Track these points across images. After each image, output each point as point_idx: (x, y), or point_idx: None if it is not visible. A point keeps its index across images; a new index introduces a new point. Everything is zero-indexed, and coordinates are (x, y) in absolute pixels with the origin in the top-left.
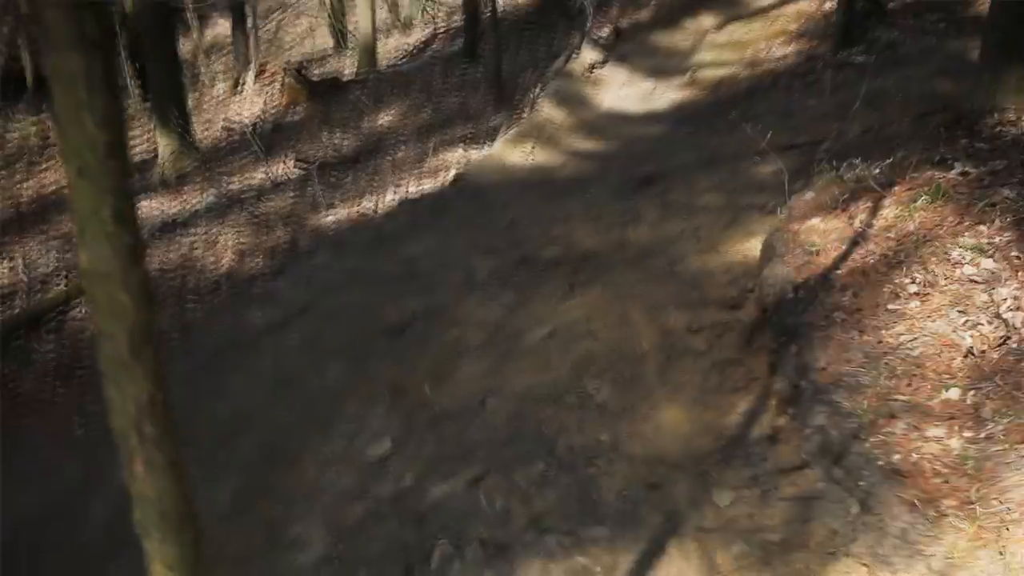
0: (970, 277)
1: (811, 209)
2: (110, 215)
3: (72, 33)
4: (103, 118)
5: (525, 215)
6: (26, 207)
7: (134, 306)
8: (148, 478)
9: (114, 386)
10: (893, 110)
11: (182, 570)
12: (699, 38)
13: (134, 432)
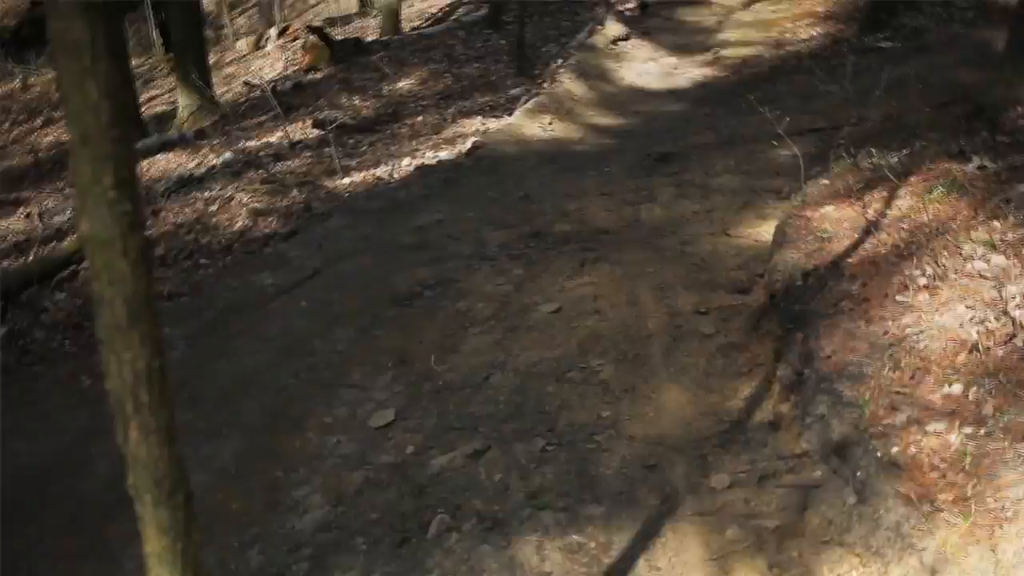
0: (980, 272)
1: (825, 196)
2: (112, 183)
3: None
4: (107, 86)
5: (539, 189)
6: (45, 157)
7: (133, 273)
8: (143, 443)
9: (111, 352)
10: (915, 98)
11: (175, 533)
12: (726, 16)
13: (130, 398)
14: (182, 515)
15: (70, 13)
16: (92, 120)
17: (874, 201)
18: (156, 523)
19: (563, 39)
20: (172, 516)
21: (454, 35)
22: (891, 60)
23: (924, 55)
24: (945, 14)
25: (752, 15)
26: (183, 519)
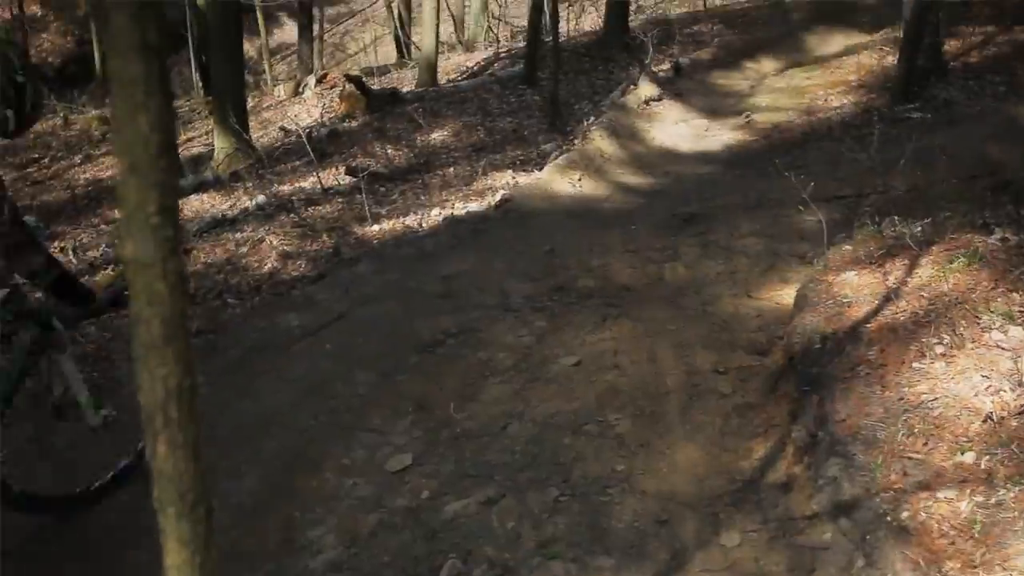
0: (997, 343)
1: (848, 262)
2: (155, 209)
3: (135, 39)
4: (157, 120)
5: (565, 244)
6: (81, 193)
7: (170, 295)
8: (170, 458)
9: (146, 370)
10: (942, 169)
11: (195, 545)
12: (758, 81)
13: (160, 414)
14: (203, 528)
15: (127, 52)
16: (142, 151)
17: (895, 269)
18: (177, 536)
19: (596, 97)
20: (193, 529)
21: (489, 89)
22: (920, 131)
23: (953, 128)
24: (977, 88)
25: (785, 81)
26: (203, 532)
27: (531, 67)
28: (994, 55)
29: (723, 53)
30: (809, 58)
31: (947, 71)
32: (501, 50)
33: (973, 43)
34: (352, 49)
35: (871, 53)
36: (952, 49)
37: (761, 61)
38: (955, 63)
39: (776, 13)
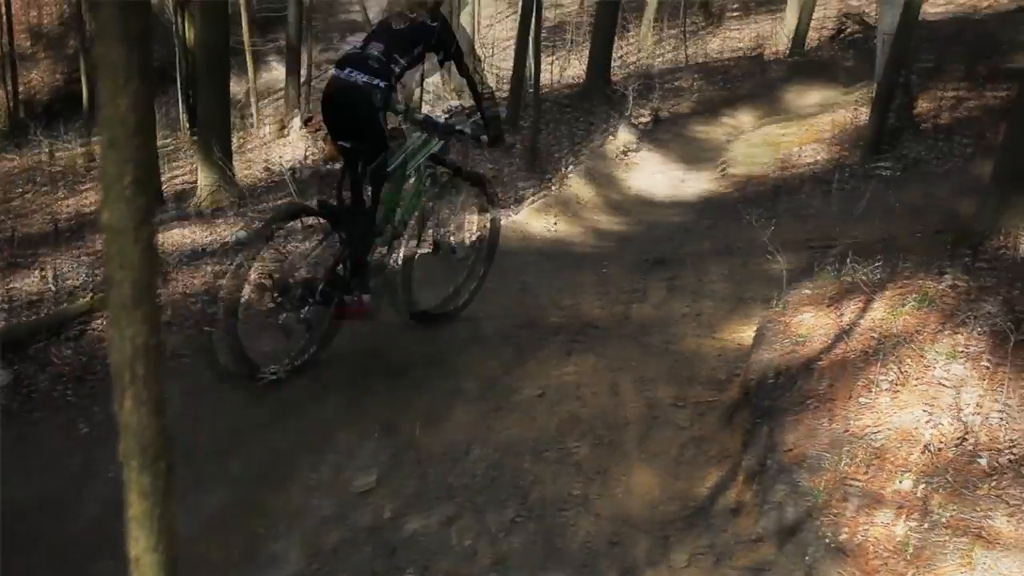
0: (940, 379)
1: (805, 303)
2: (130, 181)
3: (118, 28)
4: (134, 102)
5: (537, 282)
6: (64, 226)
7: (140, 259)
8: (134, 412)
9: (116, 329)
10: (908, 222)
11: (154, 497)
12: (736, 134)
13: (128, 370)
14: (162, 482)
15: (111, 40)
16: (120, 128)
17: (850, 310)
18: (139, 488)
19: (576, 145)
20: (153, 482)
21: None
22: (889, 186)
23: (923, 183)
24: (946, 147)
25: (761, 135)
26: (163, 486)
27: (514, 113)
28: (964, 116)
29: (702, 106)
30: (787, 113)
31: (918, 130)
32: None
33: (944, 104)
34: None
35: (846, 110)
36: (924, 109)
37: (739, 114)
38: (926, 123)
39: (755, 68)
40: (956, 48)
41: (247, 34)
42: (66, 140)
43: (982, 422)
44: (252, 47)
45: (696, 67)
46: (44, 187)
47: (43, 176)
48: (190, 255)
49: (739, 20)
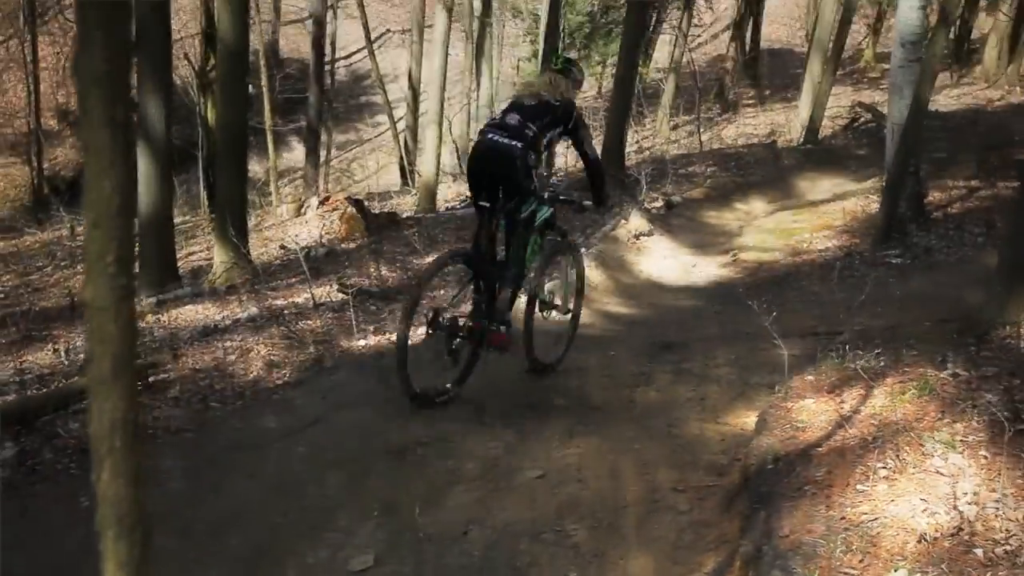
0: (937, 469)
1: (808, 390)
2: (113, 259)
3: (104, 115)
4: (118, 184)
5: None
6: (80, 299)
7: (120, 335)
8: (111, 483)
9: (95, 402)
10: (916, 311)
11: (130, 566)
12: (748, 221)
13: (106, 442)
14: (138, 552)
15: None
16: (104, 209)
17: (851, 398)
18: (115, 557)
19: (589, 230)
20: (129, 551)
21: None
22: (899, 275)
23: (931, 273)
24: (956, 237)
25: (774, 222)
26: (139, 555)
27: None
28: (975, 207)
29: (715, 192)
30: (798, 201)
31: (929, 219)
32: None
33: (956, 195)
34: (359, 175)
35: (858, 199)
36: (935, 198)
37: (752, 201)
38: (937, 212)
39: (769, 157)
40: (970, 139)
41: (269, 116)
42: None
43: (978, 512)
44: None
45: (710, 154)
46: (63, 263)
47: (63, 252)
48: (202, 331)
49: (755, 108)
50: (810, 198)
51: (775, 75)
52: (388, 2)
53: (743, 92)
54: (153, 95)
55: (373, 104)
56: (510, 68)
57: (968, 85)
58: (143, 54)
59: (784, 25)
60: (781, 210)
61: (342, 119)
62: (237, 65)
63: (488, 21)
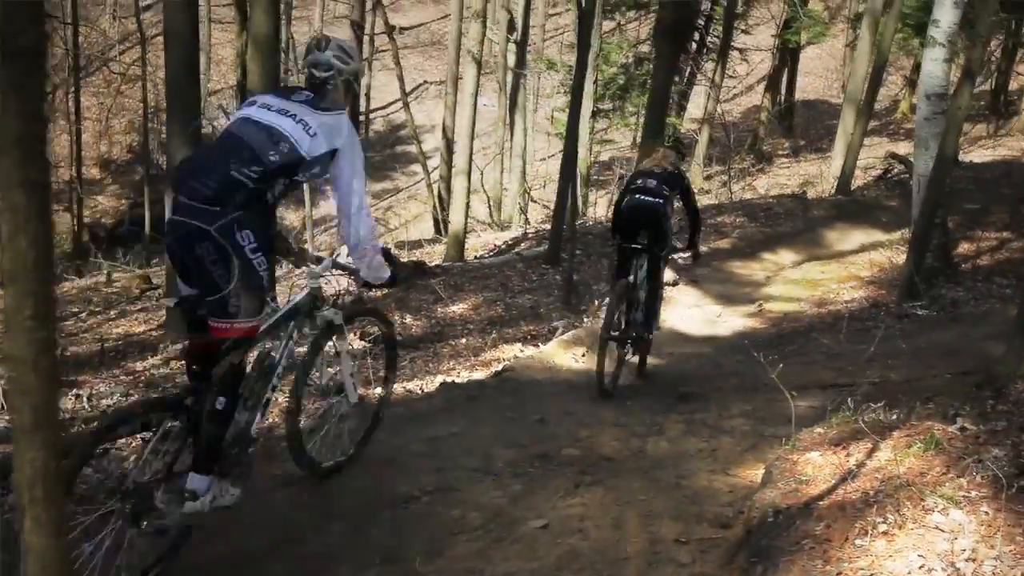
0: (937, 525)
1: (815, 443)
2: (30, 314)
3: (19, 176)
4: (34, 240)
5: (557, 415)
6: (111, 346)
7: (40, 388)
8: (34, 533)
9: (18, 452)
10: (937, 364)
11: None
12: (775, 272)
13: (27, 492)
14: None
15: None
16: (20, 265)
17: (858, 451)
18: None
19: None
20: None
21: (513, 267)
22: (924, 328)
23: (956, 326)
24: (984, 289)
25: (800, 273)
26: None
27: (555, 247)
28: (1005, 259)
29: (743, 243)
30: (826, 253)
31: (956, 271)
32: (530, 230)
33: (985, 246)
34: (393, 223)
35: (886, 251)
36: (964, 250)
37: (779, 253)
38: (966, 264)
39: (798, 208)
40: (1004, 191)
41: None
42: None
43: (975, 570)
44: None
45: (740, 205)
46: (98, 309)
47: (99, 298)
48: None
49: (789, 160)
50: (838, 249)
51: (810, 127)
52: (425, 55)
53: (777, 143)
54: (182, 149)
55: (409, 154)
56: (544, 119)
57: (1005, 137)
58: (174, 109)
59: (820, 77)
60: (809, 261)
61: (379, 168)
62: None
63: (522, 73)
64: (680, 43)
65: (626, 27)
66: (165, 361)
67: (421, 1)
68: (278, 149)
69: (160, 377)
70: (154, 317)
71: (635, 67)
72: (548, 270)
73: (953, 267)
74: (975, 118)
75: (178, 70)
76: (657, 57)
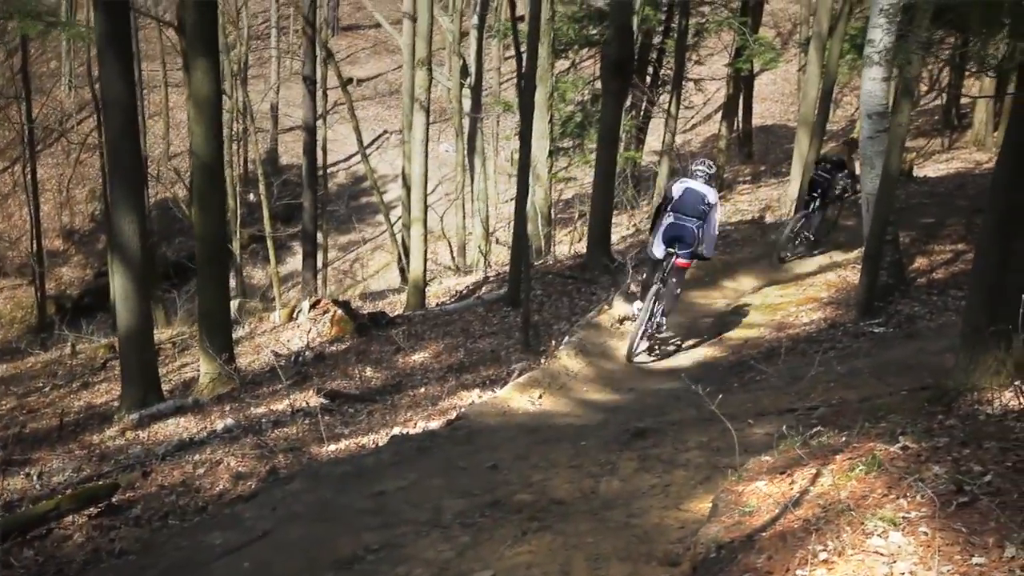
0: (876, 548)
1: (762, 472)
2: None
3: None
4: None
5: (510, 460)
6: (70, 420)
7: None
8: None
9: None
10: (895, 381)
11: None
12: (735, 298)
13: None
14: None
15: None
16: None
17: (802, 478)
18: None
19: (575, 317)
20: None
21: (474, 311)
22: (882, 345)
23: (913, 341)
24: (940, 302)
25: (760, 298)
26: None
27: (514, 290)
28: (959, 271)
29: (702, 272)
30: (785, 276)
31: (912, 286)
32: (491, 273)
33: (940, 260)
34: (360, 275)
35: (843, 271)
36: (920, 266)
37: (740, 279)
38: (921, 279)
39: (756, 234)
40: (959, 203)
41: (268, 223)
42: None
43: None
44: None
45: None
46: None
47: (64, 371)
48: (177, 446)
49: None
50: (797, 272)
51: (769, 152)
52: (384, 104)
53: (738, 170)
54: (127, 215)
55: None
56: (506, 161)
57: (959, 150)
58: (116, 178)
59: (776, 102)
60: (768, 285)
61: (343, 221)
62: (212, 177)
63: (478, 117)
64: (626, 78)
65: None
66: (121, 432)
67: (377, 52)
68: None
69: (115, 449)
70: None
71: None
72: (509, 312)
73: (908, 283)
74: (929, 133)
75: (119, 138)
76: (605, 93)
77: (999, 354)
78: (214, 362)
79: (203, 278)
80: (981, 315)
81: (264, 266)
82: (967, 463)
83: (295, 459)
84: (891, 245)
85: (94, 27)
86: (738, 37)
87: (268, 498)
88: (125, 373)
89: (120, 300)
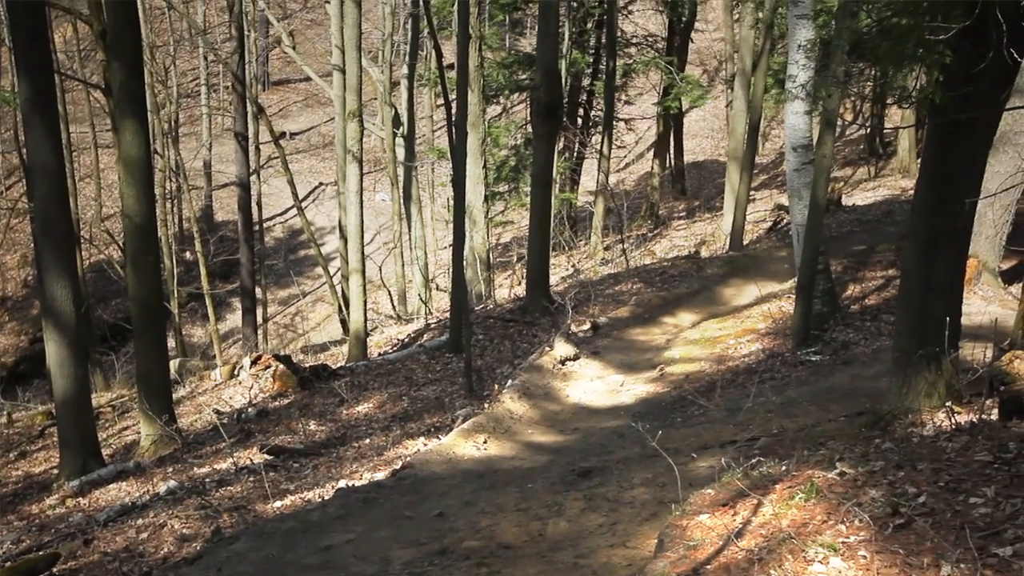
0: (818, 575)
1: (705, 505)
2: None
3: None
4: None
5: (457, 507)
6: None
7: None
8: None
9: None
10: (834, 408)
11: None
12: (675, 334)
13: None
14: None
15: None
16: None
17: (744, 509)
18: None
19: (517, 360)
20: None
21: (417, 359)
22: (818, 373)
23: (849, 367)
24: (873, 328)
25: (699, 332)
26: None
27: (456, 336)
28: (891, 296)
29: (641, 310)
30: (723, 309)
31: (846, 313)
32: (432, 321)
33: (872, 286)
34: (302, 328)
35: (779, 301)
36: (853, 292)
37: (678, 315)
38: (854, 306)
39: (692, 269)
40: (888, 229)
41: (206, 281)
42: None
43: None
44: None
45: (636, 271)
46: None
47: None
48: (119, 511)
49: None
50: (734, 304)
51: (703, 187)
52: (318, 157)
53: (672, 206)
54: (59, 280)
55: (312, 257)
56: (442, 207)
57: (885, 177)
58: (47, 243)
59: (707, 138)
60: (707, 319)
61: (282, 275)
62: (145, 238)
63: (412, 165)
64: (557, 121)
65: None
66: (61, 500)
67: (309, 105)
68: None
69: (55, 518)
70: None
71: (524, 147)
72: (451, 359)
73: (842, 310)
74: (855, 162)
75: (47, 202)
76: (536, 137)
77: (929, 376)
78: (155, 424)
79: (140, 340)
80: (910, 339)
81: (204, 324)
82: (902, 485)
83: (240, 518)
84: (823, 274)
85: (18, 92)
86: (665, 76)
87: (213, 559)
88: (63, 440)
89: (55, 366)
